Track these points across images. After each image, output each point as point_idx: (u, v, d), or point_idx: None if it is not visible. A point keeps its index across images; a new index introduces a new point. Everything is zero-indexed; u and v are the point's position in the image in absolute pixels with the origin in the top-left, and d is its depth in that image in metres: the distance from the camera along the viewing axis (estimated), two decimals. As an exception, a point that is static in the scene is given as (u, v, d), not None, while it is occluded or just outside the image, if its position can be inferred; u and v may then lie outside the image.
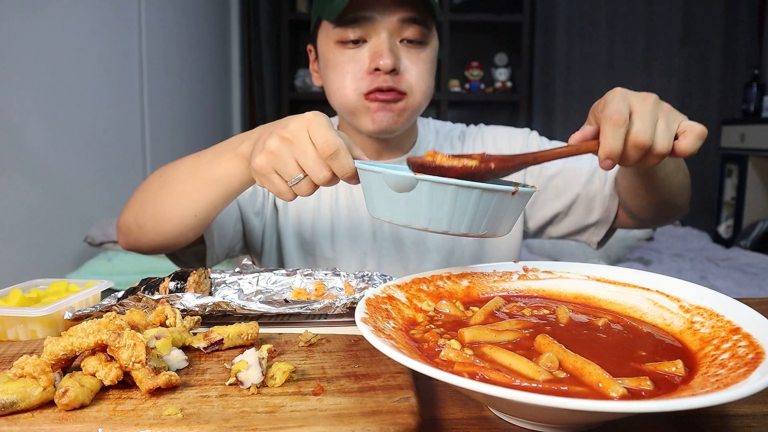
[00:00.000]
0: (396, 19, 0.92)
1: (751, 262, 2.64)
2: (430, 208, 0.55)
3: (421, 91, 0.97)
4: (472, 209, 0.55)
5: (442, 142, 1.14)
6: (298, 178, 0.67)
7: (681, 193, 0.91)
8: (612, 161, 0.62)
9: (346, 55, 0.95)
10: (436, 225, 0.56)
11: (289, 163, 0.67)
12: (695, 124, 0.64)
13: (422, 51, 0.97)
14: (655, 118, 0.63)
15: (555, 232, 1.13)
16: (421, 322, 0.57)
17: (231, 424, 0.42)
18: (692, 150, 0.63)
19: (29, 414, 0.44)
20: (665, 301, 0.58)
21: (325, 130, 0.66)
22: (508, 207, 0.57)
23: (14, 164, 1.71)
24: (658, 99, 0.66)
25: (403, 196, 0.56)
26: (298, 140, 0.66)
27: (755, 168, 3.50)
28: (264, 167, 0.68)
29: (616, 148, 0.61)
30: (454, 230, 0.56)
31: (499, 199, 0.55)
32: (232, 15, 3.82)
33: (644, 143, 0.61)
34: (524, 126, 3.72)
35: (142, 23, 2.48)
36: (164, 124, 2.72)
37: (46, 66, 1.86)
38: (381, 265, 1.08)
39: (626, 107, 0.63)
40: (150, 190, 0.93)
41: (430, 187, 0.54)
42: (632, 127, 0.62)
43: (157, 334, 0.53)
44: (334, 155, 0.65)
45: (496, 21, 3.63)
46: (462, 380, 0.38)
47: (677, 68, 3.93)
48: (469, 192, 0.54)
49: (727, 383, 0.40)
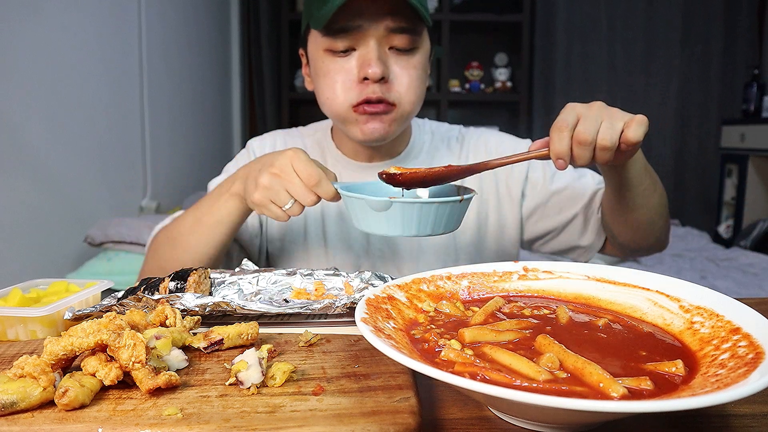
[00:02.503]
0: (384, 28, 0.92)
1: (751, 262, 2.64)
2: (403, 221, 0.73)
3: (410, 101, 0.97)
4: (432, 217, 0.73)
5: (438, 144, 1.14)
6: (291, 203, 0.82)
7: (658, 217, 0.94)
8: (563, 161, 0.73)
9: (336, 63, 0.95)
10: (408, 231, 0.74)
11: (281, 193, 0.81)
12: (637, 115, 0.73)
13: (412, 57, 0.96)
14: (599, 120, 0.73)
15: (545, 248, 1.14)
16: (422, 322, 0.57)
17: (231, 424, 0.42)
18: (637, 137, 0.71)
19: (29, 414, 0.44)
20: (665, 301, 0.58)
21: (305, 164, 0.80)
22: (458, 211, 0.76)
23: (14, 164, 1.71)
24: (604, 105, 0.75)
25: (382, 213, 0.73)
26: (285, 174, 0.81)
27: (755, 168, 3.50)
28: (262, 200, 0.83)
29: (561, 148, 0.72)
30: (421, 233, 0.74)
31: (451, 207, 0.74)
32: (232, 15, 3.82)
33: (586, 139, 0.71)
34: (524, 126, 3.75)
35: (142, 23, 2.48)
36: (164, 124, 2.72)
37: (46, 66, 1.86)
38: (375, 267, 1.09)
39: (573, 116, 0.73)
40: (162, 251, 0.99)
41: (402, 205, 0.72)
42: (577, 128, 0.72)
43: (157, 334, 0.53)
44: (317, 184, 0.80)
45: (496, 21, 3.63)
46: (462, 380, 0.38)
47: (677, 68, 3.93)
48: (429, 206, 0.72)
49: (727, 383, 0.40)
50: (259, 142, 1.15)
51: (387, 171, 0.77)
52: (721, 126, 3.80)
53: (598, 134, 0.72)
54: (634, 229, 0.96)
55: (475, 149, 1.14)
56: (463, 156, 1.13)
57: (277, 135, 1.17)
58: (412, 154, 1.12)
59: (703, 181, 4.03)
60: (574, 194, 1.07)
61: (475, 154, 1.13)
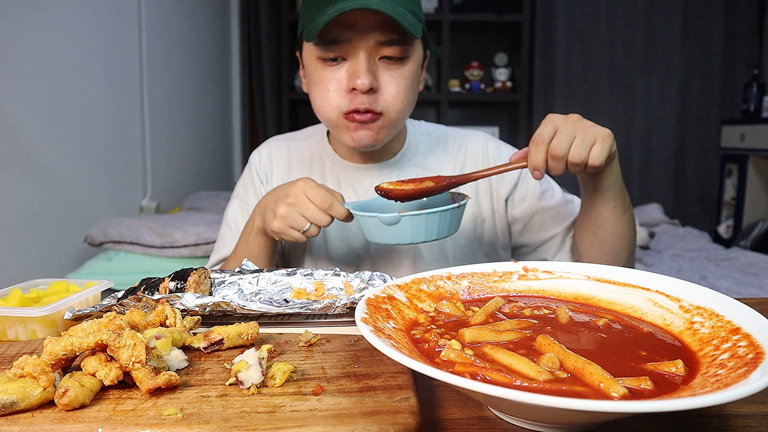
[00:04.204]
0: (373, 41, 0.93)
1: (751, 262, 2.63)
2: (412, 230, 0.83)
3: (397, 110, 0.99)
4: (436, 224, 0.83)
5: (434, 146, 1.15)
6: (308, 226, 0.89)
7: (625, 244, 0.98)
8: (539, 172, 0.83)
9: (327, 72, 0.97)
10: (417, 239, 0.83)
11: (299, 219, 0.89)
12: (602, 131, 0.81)
13: (402, 67, 0.98)
14: (573, 135, 0.80)
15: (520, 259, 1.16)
16: (422, 322, 0.57)
17: (231, 424, 0.42)
18: (599, 161, 0.80)
19: (29, 414, 0.44)
20: (665, 301, 0.58)
21: (317, 190, 0.88)
22: (457, 215, 0.86)
23: (14, 164, 1.71)
24: (580, 118, 0.82)
25: (394, 227, 0.83)
26: (300, 202, 0.89)
27: (755, 168, 3.50)
28: (281, 227, 0.91)
29: (538, 161, 0.81)
30: (428, 239, 0.84)
31: (451, 213, 0.84)
32: (232, 15, 3.82)
33: (558, 154, 0.80)
34: (524, 126, 3.75)
35: (142, 23, 2.48)
36: (164, 124, 2.72)
37: (46, 66, 1.86)
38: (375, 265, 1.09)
39: (550, 130, 0.81)
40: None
41: (410, 218, 0.82)
42: (552, 143, 0.80)
43: (157, 334, 0.53)
44: (330, 207, 0.88)
45: (496, 21, 3.62)
46: (463, 380, 0.38)
47: (677, 68, 3.93)
48: (434, 215, 0.82)
49: (727, 383, 0.40)
50: (258, 155, 1.18)
51: (381, 186, 0.88)
52: (721, 126, 3.80)
53: (570, 150, 0.80)
54: (600, 249, 0.99)
55: (473, 153, 1.15)
56: (460, 158, 1.14)
57: (272, 143, 1.19)
58: (408, 155, 1.12)
59: (703, 181, 4.03)
60: (558, 215, 1.10)
61: (473, 157, 1.14)
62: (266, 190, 1.14)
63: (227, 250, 1.11)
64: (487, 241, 1.13)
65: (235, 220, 1.14)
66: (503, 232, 1.14)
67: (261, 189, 1.14)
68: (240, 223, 1.12)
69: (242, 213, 1.14)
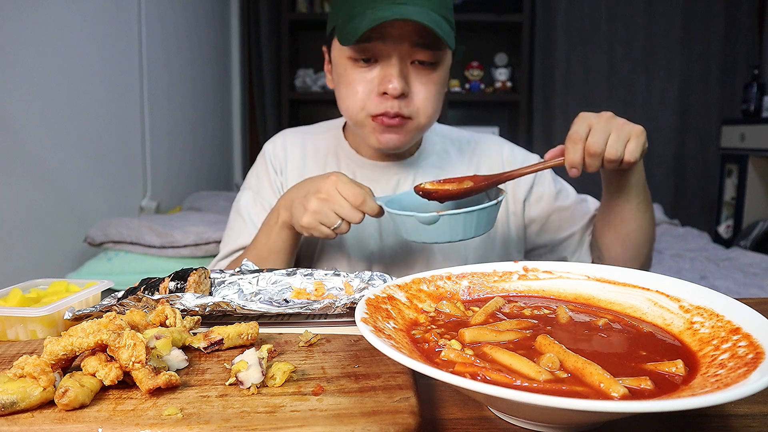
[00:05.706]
0: (408, 44, 0.93)
1: (751, 262, 2.63)
2: (450, 229, 0.82)
3: (427, 115, 0.99)
4: (474, 222, 0.82)
5: (448, 147, 1.15)
6: (339, 223, 0.87)
7: (645, 240, 0.99)
8: (576, 170, 0.83)
9: (358, 73, 0.96)
10: (455, 237, 0.82)
11: (330, 215, 0.87)
12: (636, 128, 0.82)
13: (433, 72, 0.97)
14: (608, 132, 0.81)
15: (538, 259, 1.16)
16: (422, 322, 0.57)
17: (231, 424, 0.42)
18: (634, 157, 0.82)
19: (29, 414, 0.44)
20: (665, 301, 0.58)
21: (350, 186, 0.86)
22: (494, 213, 0.85)
23: (14, 164, 1.71)
24: (612, 116, 0.83)
25: (432, 226, 0.81)
26: (332, 197, 0.86)
27: (755, 168, 3.50)
28: (312, 223, 0.88)
29: (575, 159, 0.82)
30: (466, 237, 0.83)
31: (489, 210, 0.83)
32: (232, 15, 3.82)
33: (596, 152, 0.81)
34: (524, 126, 3.75)
35: (142, 23, 2.48)
36: (164, 124, 2.72)
37: (46, 66, 1.86)
38: (389, 268, 1.09)
39: (585, 127, 0.82)
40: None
41: (449, 217, 0.80)
42: (588, 140, 0.81)
43: (157, 334, 0.53)
44: (363, 203, 0.86)
45: (496, 21, 3.62)
46: (463, 380, 0.38)
47: (677, 68, 3.93)
48: (472, 213, 0.81)
49: (727, 383, 0.40)
50: (272, 146, 1.16)
51: (423, 187, 0.88)
52: (721, 126, 3.80)
53: (606, 147, 0.81)
54: (623, 245, 0.99)
55: (488, 156, 1.15)
56: (475, 161, 1.15)
57: (287, 134, 1.18)
58: (424, 155, 1.13)
59: (703, 181, 4.03)
60: (574, 215, 1.11)
61: (489, 161, 1.14)
62: (281, 180, 1.12)
63: (243, 240, 1.07)
64: (501, 243, 1.13)
65: (248, 211, 1.10)
66: (518, 233, 1.14)
67: (276, 180, 1.12)
68: (253, 214, 1.10)
69: (255, 204, 1.11)
